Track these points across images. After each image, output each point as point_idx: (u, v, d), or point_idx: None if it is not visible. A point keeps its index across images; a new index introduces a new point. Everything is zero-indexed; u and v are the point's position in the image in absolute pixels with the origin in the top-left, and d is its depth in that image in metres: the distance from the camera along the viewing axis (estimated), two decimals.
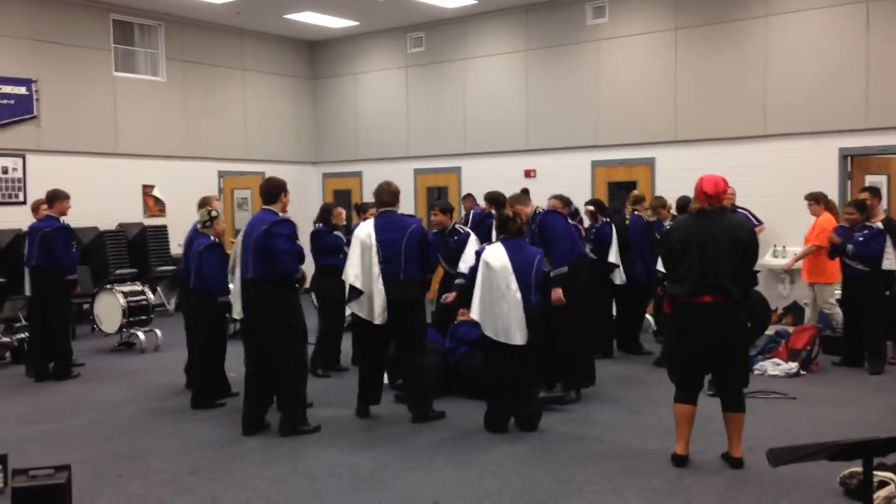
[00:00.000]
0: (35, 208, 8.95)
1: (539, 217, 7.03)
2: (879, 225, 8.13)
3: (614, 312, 9.23)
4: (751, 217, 9.91)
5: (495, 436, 5.99)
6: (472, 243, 7.84)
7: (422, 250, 6.41)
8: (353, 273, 6.36)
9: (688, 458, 5.29)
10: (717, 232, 5.09)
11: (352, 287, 6.38)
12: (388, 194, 6.51)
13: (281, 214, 6.15)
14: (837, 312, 8.90)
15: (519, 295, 5.97)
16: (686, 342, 5.20)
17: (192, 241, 7.14)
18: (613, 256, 8.71)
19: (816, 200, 9.28)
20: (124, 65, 13.05)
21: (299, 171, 15.25)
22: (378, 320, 6.30)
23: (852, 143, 10.46)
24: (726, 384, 5.23)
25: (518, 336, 5.97)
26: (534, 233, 6.97)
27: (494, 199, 8.86)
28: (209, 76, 14.11)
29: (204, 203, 7.63)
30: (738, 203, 9.53)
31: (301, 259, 6.22)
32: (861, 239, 8.03)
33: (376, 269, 6.28)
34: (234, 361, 7.48)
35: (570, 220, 7.53)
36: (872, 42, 10.27)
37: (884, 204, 9.91)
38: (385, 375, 6.97)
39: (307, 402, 6.34)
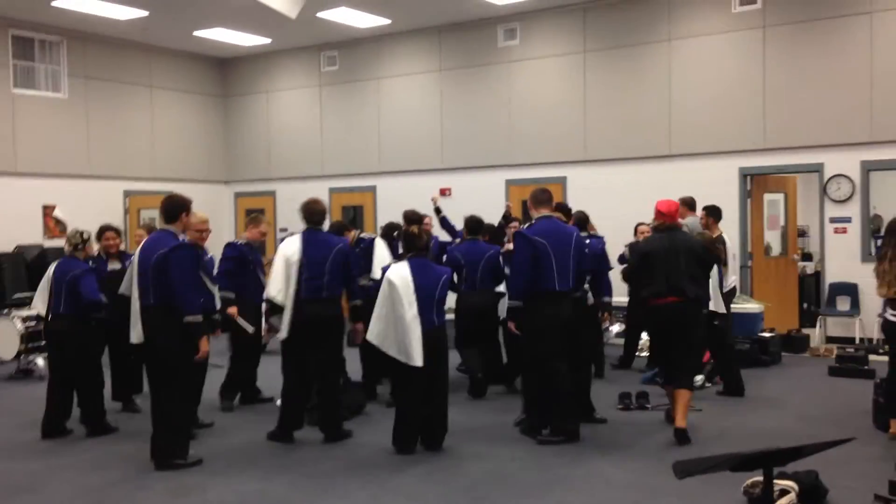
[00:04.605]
0: None
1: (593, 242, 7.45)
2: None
3: None
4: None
5: (409, 456, 5.95)
6: (380, 244, 7.97)
7: (346, 270, 6.44)
8: (275, 288, 6.34)
9: (685, 431, 6.11)
10: (675, 244, 6.25)
11: (273, 302, 6.38)
12: (318, 214, 6.51)
13: (182, 237, 5.85)
14: None
15: (418, 315, 5.84)
16: (658, 336, 6.46)
17: (62, 269, 6.73)
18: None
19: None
20: (23, 81, 12.56)
21: (210, 191, 14.93)
22: (284, 334, 6.31)
23: (751, 163, 10.93)
24: (682, 368, 6.28)
25: (417, 357, 5.82)
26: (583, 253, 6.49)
27: (410, 218, 8.86)
28: (114, 93, 13.69)
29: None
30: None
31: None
32: None
33: (294, 285, 6.26)
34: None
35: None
36: (768, 67, 10.76)
37: (781, 220, 10.36)
38: None
39: (192, 433, 6.13)
